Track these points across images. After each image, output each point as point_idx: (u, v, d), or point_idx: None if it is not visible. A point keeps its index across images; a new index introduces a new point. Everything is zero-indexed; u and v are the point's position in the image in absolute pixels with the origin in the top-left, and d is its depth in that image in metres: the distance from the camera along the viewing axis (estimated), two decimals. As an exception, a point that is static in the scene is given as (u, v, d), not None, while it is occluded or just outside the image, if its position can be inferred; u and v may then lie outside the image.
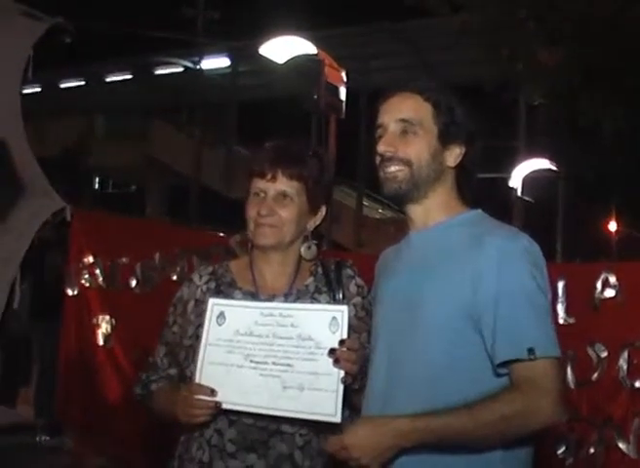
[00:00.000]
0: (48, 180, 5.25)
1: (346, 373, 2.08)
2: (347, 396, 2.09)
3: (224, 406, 2.15)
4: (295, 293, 2.38)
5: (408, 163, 2.14)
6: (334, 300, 2.37)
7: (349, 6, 24.69)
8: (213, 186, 26.09)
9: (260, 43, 13.37)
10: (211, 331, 2.21)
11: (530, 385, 1.93)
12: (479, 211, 2.21)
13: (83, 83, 30.17)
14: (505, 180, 20.62)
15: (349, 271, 2.46)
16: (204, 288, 2.44)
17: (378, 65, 23.36)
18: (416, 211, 2.20)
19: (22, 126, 5.17)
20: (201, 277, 2.48)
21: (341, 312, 2.12)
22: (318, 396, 2.07)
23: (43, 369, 7.00)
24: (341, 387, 2.06)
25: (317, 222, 2.45)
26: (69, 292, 5.32)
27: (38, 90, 26.70)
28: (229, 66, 26.69)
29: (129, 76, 29.50)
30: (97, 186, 35.84)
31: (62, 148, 26.17)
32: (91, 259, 5.24)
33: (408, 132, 2.15)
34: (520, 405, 1.91)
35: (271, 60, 13.57)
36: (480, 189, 2.30)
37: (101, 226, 5.42)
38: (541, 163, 20.33)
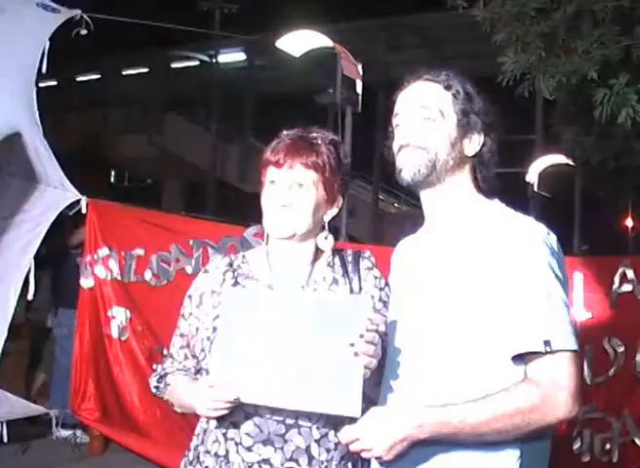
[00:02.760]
0: (63, 173, 5.27)
1: (365, 367, 2.04)
2: (365, 389, 2.07)
3: (243, 399, 2.10)
4: (312, 284, 2.36)
5: (426, 149, 2.12)
6: (351, 292, 2.34)
7: (366, -1, 24.63)
8: (229, 180, 26.11)
9: (277, 36, 13.31)
10: (228, 323, 2.17)
11: (545, 378, 1.90)
12: (496, 200, 2.19)
13: (99, 76, 30.24)
14: (522, 175, 20.51)
15: (367, 262, 2.43)
16: (220, 279, 2.42)
17: (394, 59, 23.29)
18: (434, 198, 2.18)
19: (38, 118, 5.19)
20: (217, 268, 2.45)
21: (361, 304, 2.09)
22: (338, 389, 2.03)
23: (58, 360, 7.02)
24: (361, 380, 2.02)
25: (334, 213, 2.41)
26: (84, 283, 5.34)
27: (54, 83, 26.79)
28: (245, 60, 26.70)
29: (145, 69, 29.58)
30: (113, 179, 35.90)
31: (79, 141, 26.28)
32: (106, 251, 5.26)
33: (426, 119, 2.13)
34: (535, 398, 1.88)
35: (288, 54, 13.52)
36: (497, 184, 2.27)
37: (116, 218, 5.44)
38: (558, 157, 20.17)
